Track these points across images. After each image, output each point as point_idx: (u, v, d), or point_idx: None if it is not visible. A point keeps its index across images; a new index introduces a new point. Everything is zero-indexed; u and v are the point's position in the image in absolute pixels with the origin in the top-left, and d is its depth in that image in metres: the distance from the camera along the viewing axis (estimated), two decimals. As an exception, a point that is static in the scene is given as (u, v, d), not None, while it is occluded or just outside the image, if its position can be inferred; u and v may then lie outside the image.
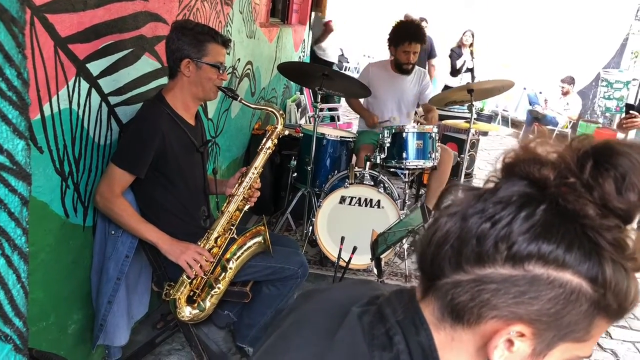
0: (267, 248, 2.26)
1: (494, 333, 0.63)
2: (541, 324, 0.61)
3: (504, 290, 0.60)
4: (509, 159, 0.64)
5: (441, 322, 0.67)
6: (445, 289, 0.65)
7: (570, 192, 0.59)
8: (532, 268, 0.59)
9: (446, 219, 0.64)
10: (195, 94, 2.20)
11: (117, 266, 2.16)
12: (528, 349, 0.63)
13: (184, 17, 2.65)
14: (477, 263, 0.61)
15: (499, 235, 0.59)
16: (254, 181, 2.30)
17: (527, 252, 0.58)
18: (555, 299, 0.59)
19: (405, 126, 3.54)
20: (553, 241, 0.58)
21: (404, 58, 3.96)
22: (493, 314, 0.62)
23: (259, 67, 4.34)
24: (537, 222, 0.58)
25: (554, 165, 0.60)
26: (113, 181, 2.05)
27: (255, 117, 4.52)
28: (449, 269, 0.63)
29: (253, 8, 3.96)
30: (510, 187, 0.62)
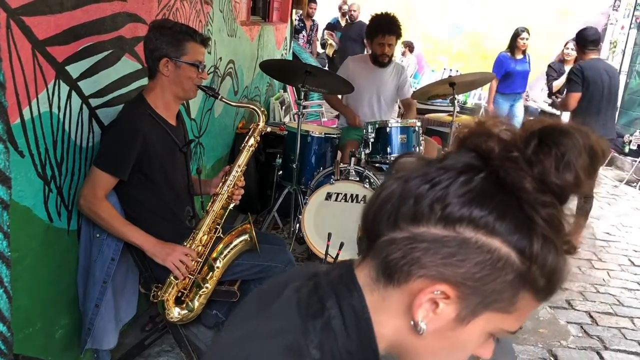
0: (253, 246, 2.25)
1: (420, 291, 0.64)
2: (466, 288, 0.62)
3: (434, 249, 0.62)
4: (461, 133, 0.67)
5: (375, 283, 0.68)
6: (381, 247, 0.66)
7: (512, 165, 0.61)
8: (462, 231, 0.61)
9: (392, 181, 0.66)
10: (176, 94, 2.19)
11: (103, 269, 2.14)
12: (452, 313, 0.64)
13: (164, 17, 2.63)
14: (412, 221, 0.63)
15: (435, 197, 0.62)
16: (238, 179, 2.29)
17: (460, 214, 0.60)
18: (482, 263, 0.61)
19: (389, 121, 3.56)
20: (486, 208, 0.60)
21: (379, 50, 4.00)
22: (421, 272, 0.63)
23: (241, 66, 4.32)
24: (473, 188, 0.61)
25: (501, 140, 0.63)
26: (96, 184, 2.03)
27: (239, 116, 4.51)
28: (386, 227, 0.65)
29: (233, 7, 3.95)
30: (457, 157, 0.64)
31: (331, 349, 0.65)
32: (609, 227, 5.43)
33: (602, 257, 4.62)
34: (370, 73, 4.11)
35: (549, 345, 3.15)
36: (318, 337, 0.65)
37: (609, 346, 3.21)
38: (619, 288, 4.04)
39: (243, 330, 0.70)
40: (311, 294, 0.70)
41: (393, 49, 4.02)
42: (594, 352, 3.14)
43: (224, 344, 0.74)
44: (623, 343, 3.26)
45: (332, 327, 0.66)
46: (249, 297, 0.81)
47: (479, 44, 11.17)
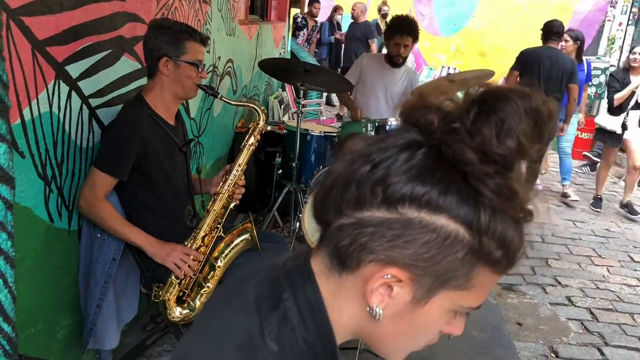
0: (254, 245, 2.25)
1: (372, 277, 0.63)
2: (417, 269, 0.60)
3: (380, 233, 0.60)
4: (403, 107, 0.64)
5: (330, 271, 0.67)
6: (331, 234, 0.64)
7: (453, 138, 0.57)
8: (405, 211, 0.59)
9: (338, 164, 0.64)
10: (175, 93, 2.19)
11: (105, 269, 2.14)
12: (407, 295, 0.63)
13: (163, 17, 2.63)
14: (357, 206, 0.61)
15: (376, 178, 0.59)
16: (239, 178, 2.29)
17: (401, 194, 0.58)
18: (429, 243, 0.59)
19: (388, 119, 3.56)
20: (427, 184, 0.57)
21: (395, 50, 4.01)
22: (370, 257, 0.61)
23: (239, 65, 4.32)
24: (414, 165, 0.58)
25: (442, 112, 0.59)
26: (96, 185, 2.03)
27: (238, 115, 4.51)
28: (333, 214, 0.63)
29: (232, 6, 3.94)
30: (399, 133, 0.61)
31: (289, 340, 0.64)
32: (608, 224, 5.44)
33: (601, 254, 4.63)
34: (382, 72, 4.12)
35: (550, 341, 3.16)
36: (275, 329, 0.64)
37: (610, 342, 3.22)
38: (619, 284, 4.05)
39: (201, 330, 0.70)
40: (269, 288, 0.68)
41: (408, 51, 4.03)
42: (594, 348, 3.15)
43: (183, 344, 0.73)
44: (623, 339, 3.27)
45: (289, 319, 0.65)
46: (213, 295, 0.80)
47: (477, 42, 11.17)
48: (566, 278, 4.10)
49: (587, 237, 5.03)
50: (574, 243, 4.83)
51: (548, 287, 3.93)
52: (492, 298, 3.56)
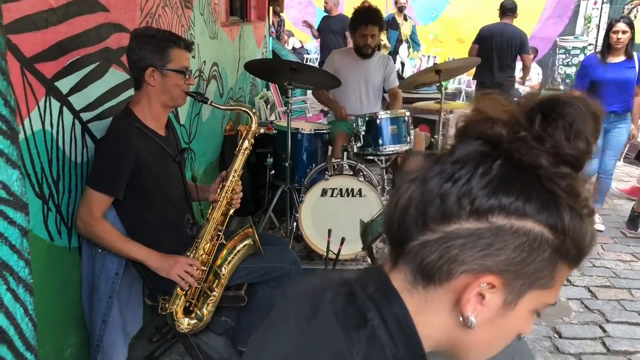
0: (257, 249, 2.25)
1: (465, 288, 0.64)
2: (509, 273, 0.63)
3: (470, 244, 0.62)
4: (461, 122, 0.67)
5: (413, 286, 0.68)
6: (414, 252, 0.66)
7: (523, 146, 0.61)
8: (495, 220, 0.61)
9: (407, 184, 0.66)
10: (164, 102, 2.16)
11: (108, 284, 2.12)
12: (499, 300, 0.65)
13: (147, 25, 2.60)
14: (443, 221, 0.63)
15: (460, 192, 0.62)
16: (236, 184, 2.28)
17: (489, 205, 0.61)
18: (520, 247, 0.62)
19: (378, 113, 3.57)
20: (512, 193, 0.61)
21: (362, 41, 4.02)
22: (462, 268, 0.63)
23: (224, 68, 4.30)
24: (495, 176, 0.61)
25: (505, 122, 0.63)
26: (92, 205, 2.01)
27: (226, 119, 4.48)
28: (415, 231, 0.65)
29: (213, 8, 3.92)
30: (465, 147, 0.64)
31: (378, 358, 0.65)
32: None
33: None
34: (355, 65, 4.12)
35: (553, 322, 3.19)
36: (364, 348, 0.65)
37: (611, 319, 3.26)
38: (614, 261, 4.10)
39: (283, 350, 0.70)
40: (348, 305, 0.69)
41: (376, 39, 4.04)
42: (596, 326, 3.18)
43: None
44: (624, 315, 3.31)
45: (377, 337, 0.66)
46: (275, 313, 0.80)
47: (455, 29, 11.21)
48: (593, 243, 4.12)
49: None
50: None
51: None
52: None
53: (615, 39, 4.21)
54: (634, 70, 4.29)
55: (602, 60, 4.33)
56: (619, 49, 4.23)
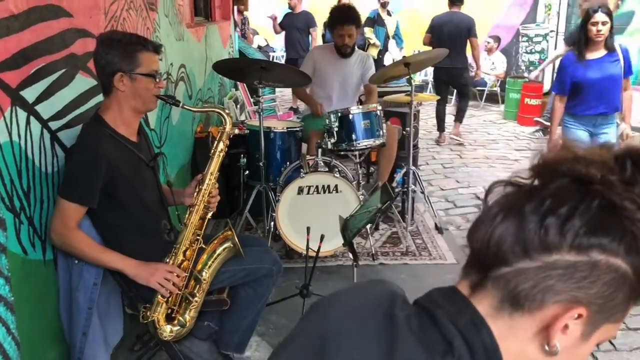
0: (237, 252, 2.22)
1: (554, 317, 0.67)
2: (595, 306, 0.67)
3: (568, 275, 0.65)
4: (550, 158, 0.70)
5: (499, 312, 0.70)
6: (507, 278, 0.68)
7: (615, 189, 0.65)
8: (594, 255, 0.65)
9: (502, 215, 0.69)
10: (135, 108, 2.12)
11: (87, 295, 2.08)
12: (579, 331, 0.69)
13: (111, 29, 2.54)
14: (545, 251, 0.66)
15: (564, 227, 0.65)
16: (212, 187, 2.25)
17: (590, 242, 0.64)
18: (610, 282, 0.65)
19: (350, 108, 3.57)
20: (609, 233, 0.64)
21: (340, 41, 4.03)
22: (555, 298, 0.66)
23: (192, 69, 4.24)
24: (594, 215, 0.65)
25: (599, 165, 0.67)
26: (65, 216, 1.96)
27: (196, 121, 4.43)
28: (513, 258, 0.67)
29: (177, 10, 3.86)
30: (557, 183, 0.68)
31: None
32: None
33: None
34: (335, 62, 4.13)
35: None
36: None
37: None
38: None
39: None
40: (426, 329, 0.71)
41: (354, 39, 4.05)
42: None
43: None
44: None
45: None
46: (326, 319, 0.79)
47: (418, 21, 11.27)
48: None
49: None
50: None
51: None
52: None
53: (595, 32, 3.64)
54: (618, 63, 3.76)
55: (580, 58, 3.72)
56: (599, 42, 3.67)
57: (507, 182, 0.72)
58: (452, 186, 5.59)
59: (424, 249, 3.88)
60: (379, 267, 3.62)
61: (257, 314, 2.42)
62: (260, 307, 2.41)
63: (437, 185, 5.60)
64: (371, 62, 4.30)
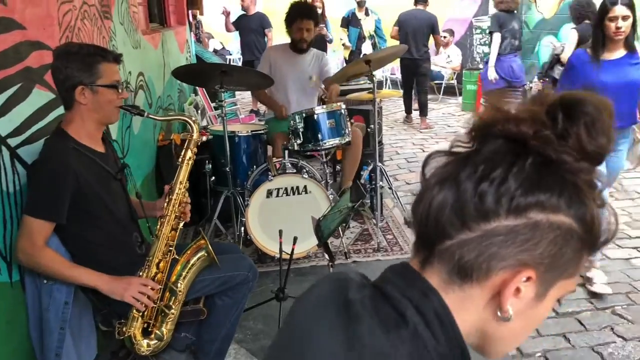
0: (212, 260, 2.19)
1: (503, 283, 0.67)
2: (543, 266, 0.66)
3: (510, 240, 0.64)
4: (480, 120, 0.68)
5: (449, 286, 0.69)
6: (451, 251, 0.67)
7: (549, 143, 0.64)
8: (533, 215, 0.64)
9: (438, 186, 0.67)
10: (98, 120, 2.07)
11: (58, 315, 2.01)
12: (532, 292, 0.68)
13: (67, 40, 2.47)
14: (482, 219, 0.65)
15: (499, 191, 0.64)
16: (183, 196, 2.22)
17: (527, 202, 0.63)
18: (554, 240, 0.65)
19: (315, 108, 3.57)
20: (546, 189, 0.64)
21: (298, 35, 4.04)
22: (501, 265, 0.65)
23: (150, 77, 4.16)
24: (529, 174, 0.64)
25: (530, 122, 0.65)
26: (32, 234, 1.90)
27: (158, 129, 4.35)
28: (452, 231, 0.66)
29: (132, 17, 3.78)
30: (491, 146, 0.66)
31: (421, 356, 0.66)
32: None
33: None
34: (291, 61, 4.12)
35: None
36: (407, 347, 0.66)
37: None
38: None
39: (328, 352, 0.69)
40: (380, 305, 0.70)
41: (312, 34, 4.06)
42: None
43: None
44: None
45: (419, 335, 0.66)
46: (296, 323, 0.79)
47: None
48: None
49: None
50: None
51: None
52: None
53: (614, 29, 2.95)
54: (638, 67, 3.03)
55: (594, 58, 3.06)
56: (619, 41, 3.00)
57: (446, 151, 0.70)
58: (418, 180, 5.64)
59: (395, 244, 3.91)
60: (352, 265, 3.63)
61: (235, 322, 2.39)
62: (238, 314, 2.38)
63: (402, 180, 5.66)
64: (327, 59, 4.31)
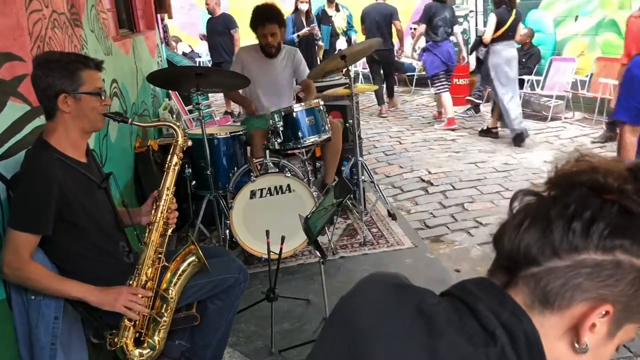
0: (203, 265, 2.17)
1: (582, 315, 0.71)
2: (620, 304, 0.71)
3: (595, 273, 0.69)
4: (570, 168, 0.76)
5: (530, 310, 0.73)
6: (537, 277, 0.72)
7: (630, 197, 0.70)
8: (618, 255, 0.69)
9: (529, 220, 0.73)
10: (82, 128, 2.04)
11: (48, 331, 1.97)
12: (605, 330, 0.72)
13: (39, 50, 2.41)
14: (573, 251, 0.70)
15: (589, 229, 0.69)
16: (170, 202, 2.19)
17: (613, 243, 0.69)
18: (633, 281, 0.69)
19: (293, 106, 3.56)
20: (629, 236, 0.69)
21: (263, 41, 3.98)
22: (583, 296, 0.70)
23: (124, 84, 4.09)
24: (614, 219, 0.70)
25: (616, 175, 0.72)
26: (18, 248, 1.85)
27: (134, 135, 4.29)
28: (542, 259, 0.71)
29: (102, 24, 3.71)
30: (577, 192, 0.72)
31: None
32: (505, 158, 5.83)
33: (508, 187, 4.96)
34: (262, 64, 4.07)
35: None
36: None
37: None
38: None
39: None
40: (465, 320, 0.73)
41: (278, 38, 4.00)
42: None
43: None
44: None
45: (505, 355, 0.70)
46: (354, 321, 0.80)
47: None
48: (485, 217, 4.35)
49: (491, 174, 5.36)
50: (481, 183, 5.14)
51: (472, 229, 4.16)
52: (429, 254, 3.70)
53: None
54: None
55: None
56: None
57: (527, 191, 0.76)
58: (397, 172, 5.70)
59: (381, 237, 3.93)
60: (340, 260, 3.64)
61: (229, 325, 2.37)
62: (231, 318, 2.37)
63: (382, 173, 5.69)
64: (300, 56, 4.25)
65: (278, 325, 2.87)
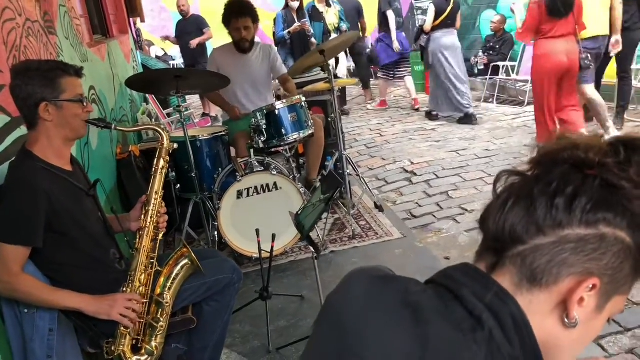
0: (197, 268, 2.16)
1: (570, 290, 0.72)
2: (606, 277, 0.72)
3: (580, 247, 0.70)
4: (550, 147, 0.77)
5: (518, 289, 0.74)
6: (524, 255, 0.73)
7: (611, 170, 0.71)
8: (602, 228, 0.70)
9: (512, 199, 0.74)
10: (65, 136, 2.01)
11: (44, 344, 1.94)
12: (593, 303, 0.73)
13: (15, 60, 2.37)
14: (557, 226, 0.71)
15: (572, 205, 0.71)
16: (159, 206, 2.18)
17: (596, 217, 0.70)
18: (618, 253, 0.71)
19: (275, 104, 3.55)
20: (612, 209, 0.70)
21: (237, 35, 3.97)
22: (570, 271, 0.71)
23: (101, 90, 4.04)
24: (596, 193, 0.71)
25: (596, 150, 0.73)
26: (8, 261, 1.83)
27: (115, 142, 4.24)
28: (527, 237, 0.72)
29: (77, 30, 3.66)
30: (559, 169, 0.73)
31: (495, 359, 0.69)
32: (485, 144, 5.88)
33: (490, 172, 5.00)
34: (237, 61, 4.04)
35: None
36: (484, 350, 0.69)
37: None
38: (515, 195, 4.40)
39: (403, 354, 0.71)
40: (451, 307, 0.73)
41: (252, 32, 3.98)
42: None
43: None
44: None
45: (494, 339, 0.70)
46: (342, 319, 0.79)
47: None
48: (469, 204, 4.38)
49: (473, 161, 5.40)
50: (464, 170, 5.17)
51: (458, 216, 4.19)
52: (418, 243, 3.73)
53: None
54: None
55: None
56: None
57: (510, 171, 0.77)
58: (380, 164, 5.72)
59: (369, 229, 3.94)
60: (331, 255, 3.64)
61: (225, 326, 2.36)
62: (227, 318, 2.36)
63: (365, 166, 5.71)
64: (275, 52, 4.24)
65: (274, 324, 2.87)
